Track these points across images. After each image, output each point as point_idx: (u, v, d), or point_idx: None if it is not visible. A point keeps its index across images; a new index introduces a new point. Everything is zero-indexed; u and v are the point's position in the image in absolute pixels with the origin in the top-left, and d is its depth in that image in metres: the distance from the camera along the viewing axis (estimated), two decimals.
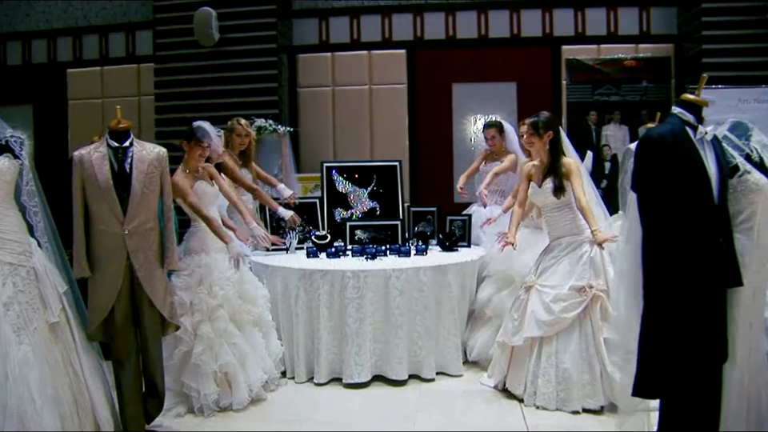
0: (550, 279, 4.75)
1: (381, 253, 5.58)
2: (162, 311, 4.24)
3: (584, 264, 4.68)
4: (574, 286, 4.64)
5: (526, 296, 4.84)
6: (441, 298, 5.26)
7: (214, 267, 4.79)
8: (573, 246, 4.77)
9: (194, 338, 4.65)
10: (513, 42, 8.19)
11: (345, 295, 5.11)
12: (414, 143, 8.31)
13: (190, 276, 4.74)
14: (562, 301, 4.64)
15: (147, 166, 4.20)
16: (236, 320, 4.82)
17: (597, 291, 4.59)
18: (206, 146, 4.81)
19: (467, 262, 5.47)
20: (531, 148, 4.94)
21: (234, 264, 4.87)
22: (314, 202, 6.28)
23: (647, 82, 8.11)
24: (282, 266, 5.36)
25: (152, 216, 4.23)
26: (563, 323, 4.63)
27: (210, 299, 4.71)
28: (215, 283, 4.75)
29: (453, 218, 6.16)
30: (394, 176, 6.42)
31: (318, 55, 8.38)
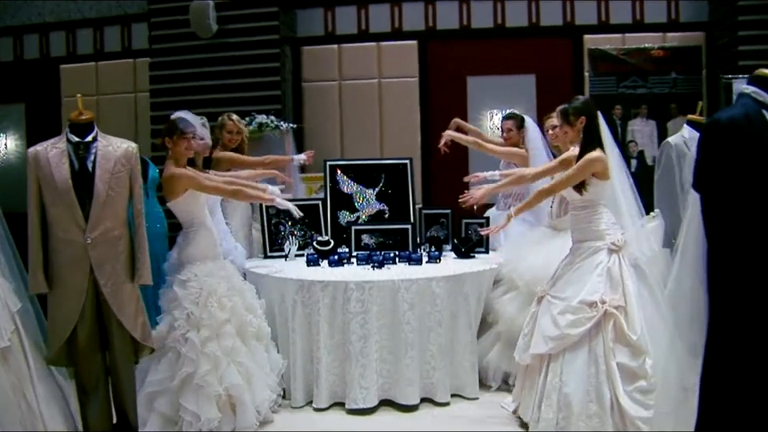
0: (563, 289, 4.11)
1: (389, 260, 4.95)
2: (133, 332, 3.60)
3: (599, 275, 4.03)
4: (584, 299, 3.97)
5: (537, 308, 4.23)
6: (456, 311, 4.62)
7: (222, 276, 4.29)
8: (589, 253, 4.12)
9: (200, 357, 4.07)
10: (531, 31, 7.58)
11: (348, 309, 4.48)
12: (427, 140, 7.66)
13: (200, 288, 4.17)
14: (570, 314, 3.98)
15: (113, 164, 3.56)
16: (241, 334, 4.28)
17: (610, 307, 3.91)
18: (191, 136, 4.25)
19: (485, 271, 4.81)
20: (562, 141, 4.28)
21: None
22: (317, 204, 5.64)
23: (676, 73, 7.44)
24: (277, 276, 4.74)
25: (119, 222, 3.59)
26: (568, 340, 3.97)
27: (220, 313, 4.15)
28: (224, 294, 4.21)
29: (469, 222, 5.50)
30: (404, 175, 5.78)
31: (323, 47, 7.79)
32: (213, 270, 4.29)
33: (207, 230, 4.37)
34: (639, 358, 3.81)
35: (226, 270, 4.37)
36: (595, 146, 4.06)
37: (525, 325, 4.31)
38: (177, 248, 4.43)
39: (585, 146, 4.13)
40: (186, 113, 4.41)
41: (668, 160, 4.66)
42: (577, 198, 4.14)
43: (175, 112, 4.78)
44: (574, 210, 4.23)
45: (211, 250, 4.36)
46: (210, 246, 4.36)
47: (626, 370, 3.80)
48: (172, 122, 4.28)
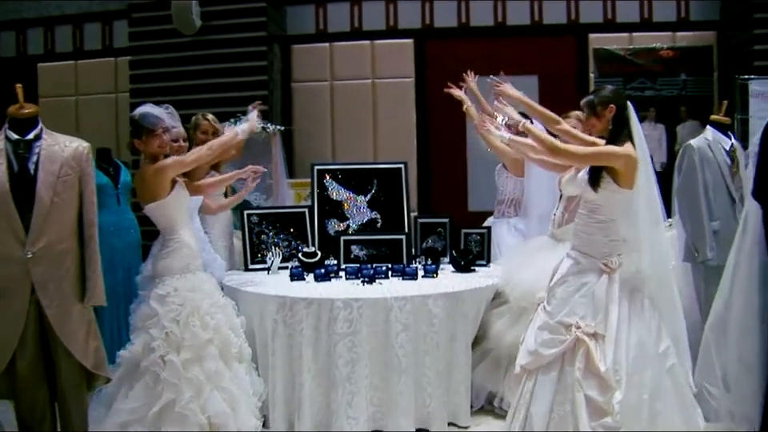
0: (550, 302, 3.64)
1: (381, 274, 4.43)
2: (84, 361, 3.07)
3: (582, 296, 3.55)
4: (562, 320, 3.52)
5: (531, 318, 3.77)
6: (455, 332, 4.10)
7: (206, 291, 3.83)
8: (580, 268, 3.61)
9: (182, 383, 3.60)
10: (534, 30, 7.25)
11: (334, 330, 3.94)
12: (423, 144, 7.36)
13: (180, 304, 3.69)
14: (548, 332, 3.54)
15: (60, 166, 3.04)
16: (224, 356, 3.80)
17: (582, 334, 3.43)
18: (161, 131, 3.78)
19: (486, 287, 4.28)
20: (593, 134, 3.77)
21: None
22: (303, 212, 5.11)
23: (686, 74, 7.11)
24: (256, 292, 4.21)
25: (66, 234, 3.07)
26: (540, 359, 3.53)
27: (203, 332, 3.69)
28: (206, 312, 3.74)
29: (468, 232, 4.97)
30: (398, 181, 5.23)
31: (314, 46, 7.44)
32: (195, 283, 3.81)
33: (189, 238, 3.89)
34: (607, 392, 3.37)
35: (209, 284, 3.90)
36: (624, 139, 3.52)
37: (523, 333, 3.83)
38: (152, 259, 3.97)
39: (612, 139, 3.56)
40: (148, 106, 3.90)
41: (690, 165, 4.16)
42: (591, 199, 3.61)
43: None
44: (584, 212, 3.67)
45: (193, 262, 3.87)
46: (192, 256, 3.87)
47: (593, 404, 3.36)
48: (135, 121, 3.80)
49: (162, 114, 3.83)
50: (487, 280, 4.39)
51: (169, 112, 3.96)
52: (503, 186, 5.04)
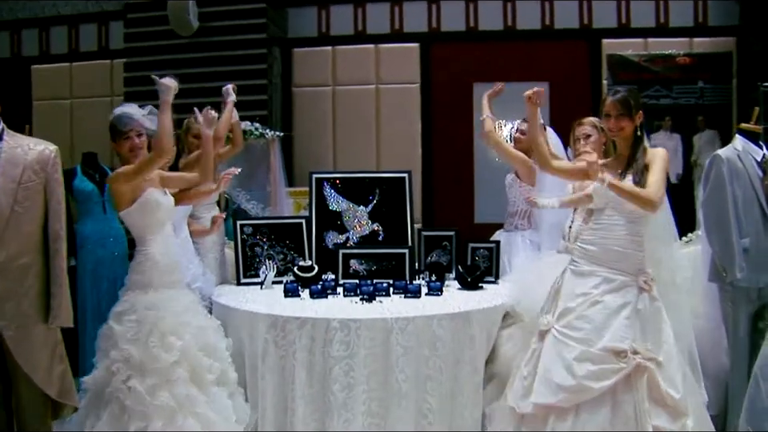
0: (577, 326, 3.32)
1: (381, 291, 4.09)
2: (47, 388, 2.73)
3: (627, 317, 3.28)
4: (610, 346, 3.22)
5: (539, 345, 3.44)
6: (461, 355, 3.73)
7: (168, 309, 3.46)
8: (615, 286, 3.34)
9: (150, 410, 3.26)
10: (545, 34, 6.92)
11: (329, 353, 3.59)
12: (428, 153, 7.05)
13: (138, 323, 3.36)
14: (590, 362, 3.22)
15: (22, 170, 2.72)
16: (198, 381, 3.44)
17: (643, 360, 3.18)
18: (134, 134, 3.50)
19: (496, 308, 3.93)
20: (618, 136, 3.47)
21: None
22: (300, 223, 4.77)
23: (704, 82, 6.75)
24: (245, 310, 3.87)
25: (30, 247, 2.76)
26: (586, 394, 3.21)
27: (166, 354, 3.33)
28: (171, 331, 3.39)
29: (476, 246, 4.62)
30: (401, 191, 4.90)
31: (316, 49, 7.14)
32: (158, 300, 3.47)
33: (158, 252, 3.55)
34: (678, 419, 3.15)
35: (179, 302, 3.54)
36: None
37: (523, 363, 3.51)
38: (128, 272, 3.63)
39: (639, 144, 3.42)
40: (126, 106, 3.63)
41: (718, 177, 3.81)
42: (631, 209, 3.34)
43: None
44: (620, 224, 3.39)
45: (158, 277, 3.53)
46: (157, 271, 3.53)
47: None
48: (111, 122, 3.51)
49: (137, 115, 3.51)
50: (497, 299, 4.04)
51: (150, 115, 3.63)
52: (515, 197, 4.72)
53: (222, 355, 3.65)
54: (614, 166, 3.49)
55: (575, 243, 3.63)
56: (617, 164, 3.50)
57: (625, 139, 3.45)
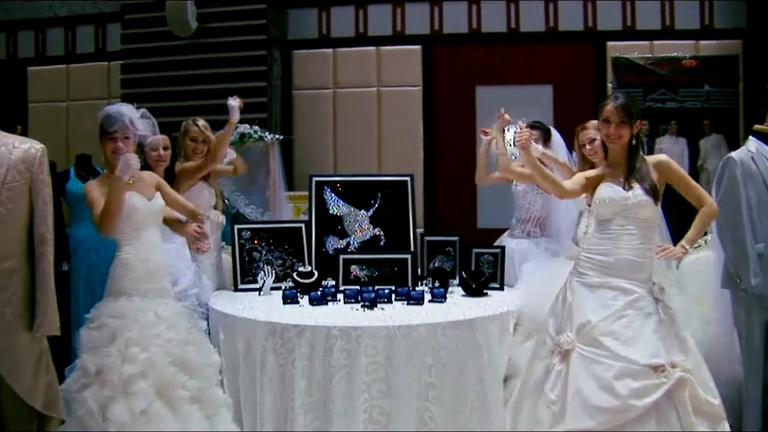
0: (605, 343, 3.18)
1: (383, 298, 3.95)
2: (30, 400, 2.58)
3: (654, 331, 3.17)
4: (647, 361, 3.10)
5: (563, 366, 3.27)
6: (465, 364, 3.59)
7: (136, 318, 3.29)
8: (635, 298, 3.24)
9: (102, 423, 3.08)
10: (549, 37, 6.80)
11: (330, 362, 3.46)
12: (430, 157, 6.92)
13: (98, 330, 3.23)
14: (631, 379, 3.08)
15: (6, 170, 2.60)
16: (167, 397, 3.25)
17: (683, 373, 3.08)
18: (120, 135, 3.35)
19: (502, 314, 3.77)
20: (616, 143, 3.36)
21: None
22: (299, 228, 4.63)
23: (710, 85, 6.63)
24: (243, 317, 3.71)
25: (13, 251, 2.62)
26: (631, 413, 3.06)
27: (126, 365, 3.16)
28: (135, 342, 3.22)
29: (480, 252, 4.48)
30: (404, 195, 4.76)
31: (317, 51, 7.00)
32: (126, 309, 3.32)
33: (134, 257, 3.42)
34: (718, 424, 3.12)
35: (150, 313, 3.37)
36: None
37: (548, 388, 3.32)
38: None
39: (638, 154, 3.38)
40: (119, 105, 3.48)
41: (731, 180, 3.66)
42: (646, 216, 3.29)
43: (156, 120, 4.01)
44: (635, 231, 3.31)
45: (130, 284, 3.40)
46: (136, 278, 3.41)
47: None
48: (100, 119, 3.39)
49: (127, 117, 3.37)
50: (502, 305, 3.90)
51: (144, 117, 3.49)
52: (531, 203, 4.56)
53: (204, 372, 3.48)
54: (614, 175, 3.40)
55: (582, 252, 3.49)
56: (615, 173, 3.40)
57: (621, 147, 3.38)
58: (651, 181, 3.30)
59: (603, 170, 3.46)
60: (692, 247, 3.45)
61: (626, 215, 3.28)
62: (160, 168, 4.06)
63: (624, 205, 3.27)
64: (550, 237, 4.60)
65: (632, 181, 3.31)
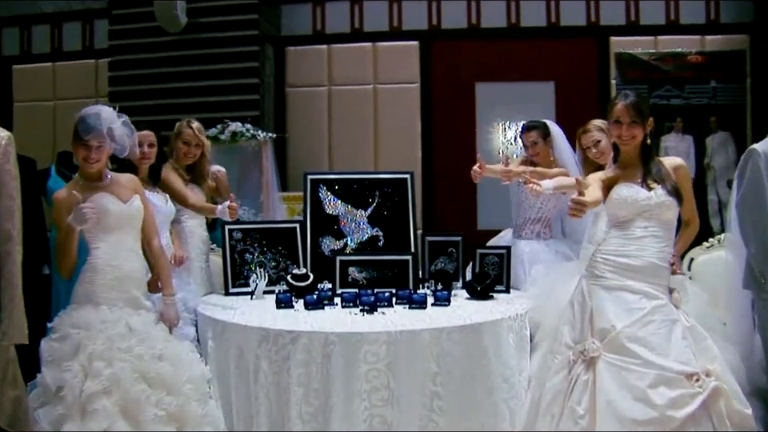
0: (634, 349, 2.96)
1: (383, 301, 3.71)
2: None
3: (683, 337, 2.98)
4: (680, 369, 2.90)
5: (589, 375, 3.04)
6: (473, 372, 3.33)
7: (102, 329, 3.02)
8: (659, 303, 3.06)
9: None
10: (550, 32, 6.65)
11: (328, 370, 3.21)
12: (428, 156, 6.74)
13: (61, 341, 2.95)
14: (667, 388, 2.86)
15: None
16: (133, 416, 2.95)
17: (718, 382, 2.89)
18: (95, 144, 3.11)
19: (513, 318, 3.52)
20: (629, 145, 3.19)
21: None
22: (294, 228, 4.38)
23: (716, 81, 6.47)
24: (234, 323, 3.46)
25: None
26: (669, 425, 2.84)
27: (88, 381, 2.87)
28: (99, 356, 2.93)
29: (485, 252, 4.24)
30: (403, 193, 4.53)
31: (311, 48, 6.84)
32: (92, 318, 3.05)
33: (107, 261, 3.17)
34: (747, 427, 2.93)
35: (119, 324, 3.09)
36: None
37: (573, 401, 3.08)
38: None
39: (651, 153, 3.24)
40: (99, 108, 3.19)
41: (755, 171, 3.41)
42: (668, 219, 3.16)
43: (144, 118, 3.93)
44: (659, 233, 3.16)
45: (106, 291, 3.14)
46: (105, 284, 3.14)
47: None
48: (76, 121, 3.13)
49: (104, 125, 3.12)
50: (511, 308, 3.65)
51: (125, 125, 3.23)
52: (544, 202, 4.32)
53: (183, 388, 3.16)
54: (629, 176, 3.22)
55: (598, 254, 3.26)
56: (630, 174, 3.22)
57: (634, 147, 3.21)
58: (672, 182, 3.16)
59: (615, 171, 3.29)
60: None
61: (647, 216, 3.13)
62: (144, 166, 3.80)
63: (646, 205, 3.12)
64: (558, 238, 4.39)
65: (650, 181, 3.16)
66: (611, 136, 3.29)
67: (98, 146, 3.11)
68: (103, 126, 3.12)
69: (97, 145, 3.10)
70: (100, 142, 3.11)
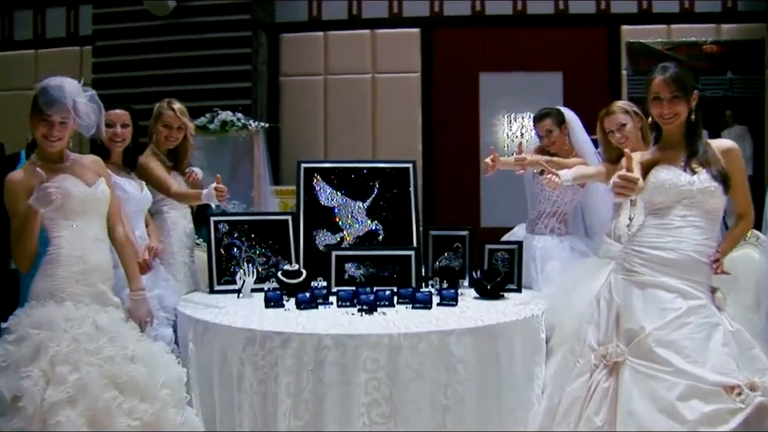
0: (663, 355, 2.58)
1: (384, 300, 3.34)
2: None
3: (724, 344, 2.59)
4: (718, 380, 2.49)
5: (610, 382, 2.68)
6: (485, 380, 2.95)
7: (66, 329, 2.63)
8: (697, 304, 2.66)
9: None
10: (558, 20, 6.32)
11: (322, 378, 2.82)
12: (429, 149, 6.42)
13: (17, 344, 2.57)
14: (700, 401, 2.47)
15: None
16: (102, 425, 2.55)
17: (765, 397, 2.48)
18: (57, 119, 2.75)
19: (529, 319, 3.14)
20: (672, 123, 2.81)
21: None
22: (286, 221, 4.02)
23: (733, 72, 6.13)
24: (217, 323, 3.07)
25: None
26: None
27: (50, 389, 2.48)
28: (63, 359, 2.55)
29: (494, 248, 3.87)
30: (405, 184, 4.20)
31: (306, 35, 6.49)
32: (55, 316, 2.66)
33: (69, 251, 2.78)
34: None
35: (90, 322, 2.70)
36: None
37: (591, 411, 2.71)
38: None
39: (698, 131, 2.83)
40: (62, 80, 2.82)
41: None
42: (714, 208, 2.76)
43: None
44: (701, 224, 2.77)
45: (68, 285, 2.75)
46: (67, 278, 2.75)
47: None
48: (35, 94, 2.77)
49: (69, 98, 2.75)
50: (525, 309, 3.27)
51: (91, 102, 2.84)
52: (561, 195, 3.95)
53: (159, 394, 2.77)
54: (670, 159, 2.84)
55: (629, 246, 2.88)
56: (671, 156, 2.84)
57: (678, 126, 2.83)
58: (720, 166, 2.76)
59: (655, 153, 2.90)
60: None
61: (688, 204, 2.75)
62: (117, 148, 3.40)
63: (688, 191, 2.74)
64: (575, 235, 4.03)
65: (694, 164, 2.78)
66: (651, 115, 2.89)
67: (61, 121, 2.74)
68: (67, 99, 2.74)
69: (60, 120, 2.73)
70: (63, 117, 2.74)
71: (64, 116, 2.73)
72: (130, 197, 3.31)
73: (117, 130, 3.37)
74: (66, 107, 2.72)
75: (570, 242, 3.97)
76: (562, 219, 4.01)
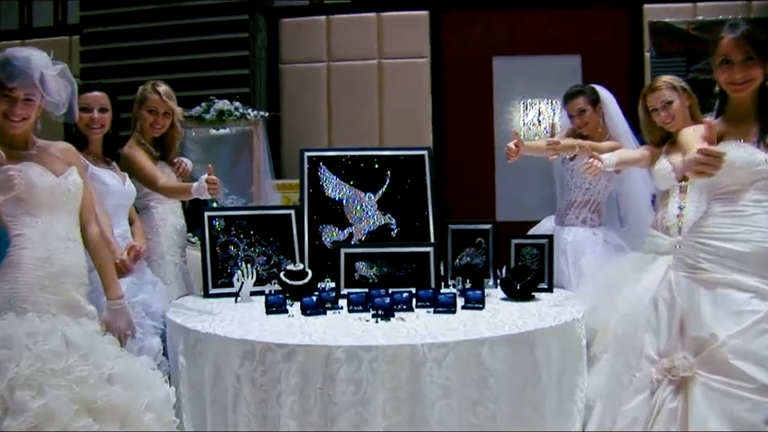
0: (741, 367, 2.15)
1: (402, 304, 2.94)
2: None
3: None
4: None
5: (678, 401, 2.24)
6: (521, 395, 2.54)
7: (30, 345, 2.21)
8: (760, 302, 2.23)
9: None
10: (577, 0, 5.91)
11: (332, 396, 2.42)
12: (440, 138, 6.02)
13: None
14: None
15: None
16: None
17: None
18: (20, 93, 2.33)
19: (569, 323, 2.74)
20: (743, 90, 2.38)
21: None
22: (288, 215, 3.64)
23: None
24: (210, 333, 2.67)
25: None
26: None
27: (9, 419, 2.09)
28: (25, 383, 2.13)
29: (521, 243, 3.48)
30: (420, 173, 3.81)
31: (308, 19, 6.10)
32: (15, 331, 2.22)
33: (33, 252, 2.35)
34: None
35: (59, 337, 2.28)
36: None
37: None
38: None
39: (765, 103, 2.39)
40: (29, 50, 2.39)
41: None
42: None
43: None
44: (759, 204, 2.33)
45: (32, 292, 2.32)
46: (29, 284, 2.32)
47: None
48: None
49: (36, 70, 2.33)
50: (565, 312, 2.85)
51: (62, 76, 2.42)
52: (593, 182, 3.57)
53: (141, 419, 2.34)
54: (739, 133, 2.40)
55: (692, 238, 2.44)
56: (741, 130, 2.41)
57: (751, 94, 2.39)
58: None
59: (721, 126, 2.44)
60: None
61: (763, 187, 2.31)
62: (95, 135, 3.00)
63: (763, 171, 2.30)
64: (607, 225, 3.64)
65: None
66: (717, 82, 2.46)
67: (26, 98, 2.32)
68: (34, 71, 2.32)
69: (24, 97, 2.32)
70: (28, 93, 2.32)
71: (29, 92, 2.31)
72: (110, 190, 2.91)
73: (94, 115, 2.96)
74: (31, 81, 2.31)
75: (604, 234, 3.61)
76: (595, 209, 3.64)
